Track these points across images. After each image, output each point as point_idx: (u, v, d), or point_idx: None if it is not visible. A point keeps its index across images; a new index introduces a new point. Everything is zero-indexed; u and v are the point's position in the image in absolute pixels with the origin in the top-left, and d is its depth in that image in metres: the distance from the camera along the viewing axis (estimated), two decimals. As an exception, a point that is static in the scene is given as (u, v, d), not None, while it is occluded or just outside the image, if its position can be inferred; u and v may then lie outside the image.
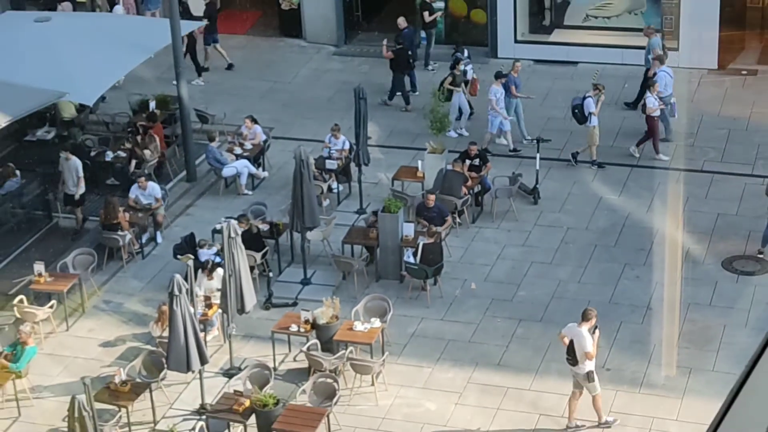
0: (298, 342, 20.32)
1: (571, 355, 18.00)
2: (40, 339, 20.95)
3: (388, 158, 26.48)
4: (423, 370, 19.95)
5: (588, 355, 17.78)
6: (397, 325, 20.84)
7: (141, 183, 24.09)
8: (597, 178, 25.52)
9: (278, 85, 30.55)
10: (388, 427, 18.69)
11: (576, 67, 30.60)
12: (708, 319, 20.72)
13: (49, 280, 21.76)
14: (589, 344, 17.75)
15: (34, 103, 23.94)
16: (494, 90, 26.43)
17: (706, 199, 24.49)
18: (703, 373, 19.35)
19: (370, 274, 22.49)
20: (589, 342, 17.77)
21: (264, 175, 26.27)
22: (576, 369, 18.01)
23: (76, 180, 24.27)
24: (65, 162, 24.38)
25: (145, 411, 19.05)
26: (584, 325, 17.84)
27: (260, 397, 18.17)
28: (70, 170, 24.28)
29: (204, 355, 18.32)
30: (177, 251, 22.49)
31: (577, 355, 17.86)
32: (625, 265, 22.39)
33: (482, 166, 24.62)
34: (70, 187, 24.34)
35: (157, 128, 26.80)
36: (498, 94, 26.35)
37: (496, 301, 21.62)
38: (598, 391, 18.10)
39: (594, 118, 25.57)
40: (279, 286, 22.18)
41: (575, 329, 17.95)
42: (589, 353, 17.78)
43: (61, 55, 24.76)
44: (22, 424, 19.21)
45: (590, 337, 17.82)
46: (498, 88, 26.39)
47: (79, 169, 24.29)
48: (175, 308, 17.78)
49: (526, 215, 24.26)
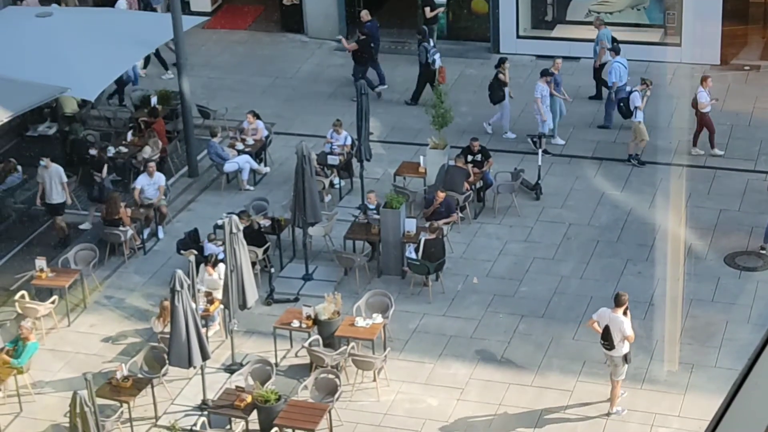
0: (299, 338, 20.32)
1: (607, 340, 18.26)
2: (42, 334, 20.95)
3: (390, 153, 26.46)
4: (425, 365, 19.94)
5: (629, 338, 18.13)
6: (398, 320, 20.83)
7: (150, 168, 24.08)
8: (599, 173, 25.49)
9: (280, 80, 30.52)
10: (390, 422, 18.69)
11: (578, 62, 30.55)
12: (710, 315, 20.70)
13: (51, 276, 21.76)
14: (628, 327, 18.13)
15: (36, 99, 23.93)
16: (540, 88, 26.01)
17: (708, 194, 24.46)
18: (705, 369, 19.34)
19: (372, 270, 22.48)
20: (628, 325, 18.16)
21: (266, 171, 26.25)
22: (613, 353, 18.26)
23: (60, 188, 23.63)
24: (44, 170, 23.65)
25: (147, 406, 19.05)
26: (619, 309, 18.17)
27: (262, 392, 18.17)
28: (52, 178, 23.55)
29: (205, 351, 18.32)
30: (180, 246, 22.51)
31: (615, 340, 18.11)
32: (628, 261, 22.38)
33: (484, 161, 24.60)
34: (52, 196, 23.58)
35: (159, 124, 26.79)
36: (544, 92, 25.96)
37: (497, 296, 21.61)
38: (622, 377, 18.39)
39: (640, 112, 25.31)
40: (280, 282, 22.18)
41: (610, 314, 18.23)
42: (630, 336, 18.16)
43: (62, 51, 24.76)
44: (23, 420, 19.22)
45: (626, 320, 18.15)
46: (544, 86, 25.98)
47: (62, 176, 23.70)
48: (177, 304, 17.78)
49: (528, 211, 24.25)
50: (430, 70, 28.71)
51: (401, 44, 32.37)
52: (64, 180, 23.80)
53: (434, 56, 28.68)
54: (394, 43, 32.47)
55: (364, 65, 29.41)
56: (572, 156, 26.23)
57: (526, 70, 30.50)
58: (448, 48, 31.35)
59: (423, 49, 28.86)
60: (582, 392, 19.06)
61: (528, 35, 31.42)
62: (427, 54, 28.81)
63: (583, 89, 29.22)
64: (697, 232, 23.12)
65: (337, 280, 22.26)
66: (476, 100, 28.46)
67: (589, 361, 19.70)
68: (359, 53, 29.42)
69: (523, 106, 28.49)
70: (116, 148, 26.13)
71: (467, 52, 31.49)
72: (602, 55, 28.12)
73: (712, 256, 22.38)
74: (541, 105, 25.91)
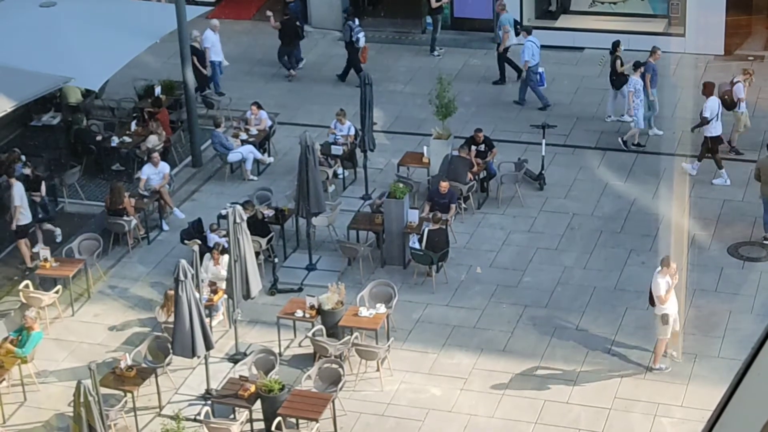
0: (303, 327, 20.34)
1: (651, 297, 19.05)
2: (46, 324, 20.98)
3: (394, 144, 26.46)
4: (428, 355, 19.96)
5: (659, 298, 18.71)
6: (402, 310, 20.85)
7: (155, 158, 24.10)
8: (603, 163, 25.49)
9: (284, 70, 30.50)
10: (393, 412, 18.71)
11: (582, 52, 30.55)
12: (713, 305, 20.71)
13: (55, 266, 21.78)
14: (660, 288, 18.66)
15: (40, 88, 23.93)
16: (633, 81, 25.50)
17: (712, 185, 24.45)
18: (708, 359, 19.35)
19: (376, 260, 22.49)
20: (661, 287, 18.64)
21: (269, 161, 26.27)
22: (654, 310, 18.99)
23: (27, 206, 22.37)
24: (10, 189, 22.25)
25: (151, 396, 19.08)
26: (663, 269, 18.74)
27: (265, 382, 18.19)
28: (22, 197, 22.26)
29: (209, 341, 18.35)
30: (184, 236, 22.53)
31: (654, 298, 18.84)
32: (631, 251, 22.38)
33: (488, 151, 24.59)
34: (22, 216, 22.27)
35: (163, 113, 26.80)
36: (638, 86, 25.42)
37: (501, 287, 21.62)
38: (665, 336, 18.95)
39: (743, 103, 25.10)
40: (284, 272, 22.20)
41: (655, 273, 18.90)
42: (660, 297, 18.70)
43: (66, 40, 24.76)
44: (27, 409, 19.26)
45: (663, 281, 18.65)
46: (637, 79, 25.46)
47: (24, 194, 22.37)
48: (181, 294, 17.80)
49: (531, 201, 24.25)
50: (354, 49, 29.25)
51: (404, 34, 32.35)
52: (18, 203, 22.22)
53: (358, 35, 29.21)
54: (397, 33, 32.45)
55: (289, 46, 30.10)
56: (575, 146, 26.22)
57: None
58: (452, 38, 31.36)
59: (348, 28, 29.51)
60: (585, 382, 19.07)
61: (532, 25, 31.37)
62: (351, 33, 29.34)
63: (587, 80, 29.22)
64: (700, 222, 23.12)
65: (340, 270, 22.28)
66: (480, 90, 28.44)
67: (593, 351, 19.72)
68: (284, 33, 30.02)
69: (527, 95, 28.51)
70: (120, 138, 26.15)
71: (471, 43, 31.46)
72: (506, 39, 28.59)
73: (716, 247, 22.38)
74: (634, 99, 25.33)
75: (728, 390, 3.73)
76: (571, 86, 28.93)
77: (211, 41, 28.85)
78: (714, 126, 24.21)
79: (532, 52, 27.41)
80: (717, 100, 24.46)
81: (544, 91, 27.74)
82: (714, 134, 24.28)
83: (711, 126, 24.19)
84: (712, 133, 24.25)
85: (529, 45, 27.46)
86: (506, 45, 28.62)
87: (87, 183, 25.54)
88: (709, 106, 24.24)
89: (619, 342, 19.90)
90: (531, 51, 27.41)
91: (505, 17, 28.97)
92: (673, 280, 18.78)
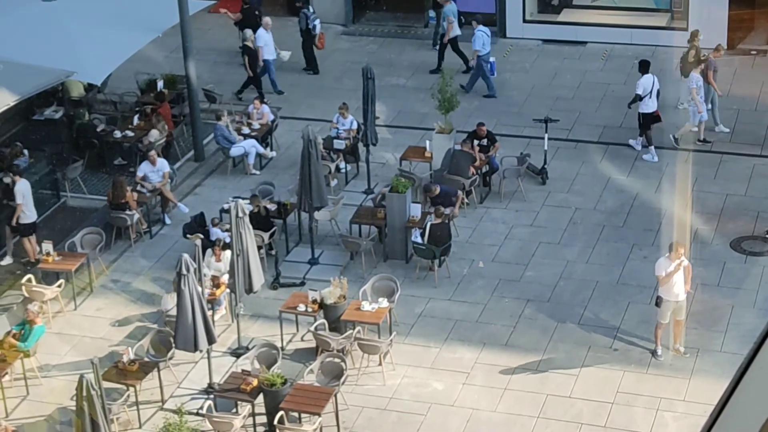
0: (305, 322, 20.34)
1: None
2: (48, 318, 21.00)
3: (396, 138, 26.45)
4: (430, 350, 19.96)
5: (658, 279, 19.00)
6: (404, 305, 20.85)
7: (152, 157, 24.09)
8: (605, 158, 25.47)
9: (286, 64, 30.50)
10: (396, 406, 18.71)
11: (584, 47, 30.53)
12: (716, 299, 20.70)
13: (58, 260, 21.79)
14: (659, 269, 18.93)
15: (42, 83, 23.92)
16: (694, 78, 25.29)
17: (714, 179, 24.44)
18: (710, 354, 19.34)
19: (378, 254, 22.49)
20: (661, 268, 18.87)
21: (272, 155, 26.27)
22: None
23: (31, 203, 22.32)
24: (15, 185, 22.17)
25: (153, 390, 19.09)
26: (669, 255, 18.93)
27: (268, 376, 18.20)
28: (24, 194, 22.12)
29: (212, 335, 18.35)
30: (186, 230, 22.52)
31: None
32: (633, 246, 22.37)
33: (490, 146, 24.58)
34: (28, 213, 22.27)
35: (165, 108, 26.80)
36: (699, 83, 25.22)
37: (503, 281, 21.62)
38: (661, 321, 19.14)
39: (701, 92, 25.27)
40: (287, 266, 22.19)
41: (662, 257, 19.26)
42: (658, 277, 18.96)
43: (68, 35, 24.75)
44: (30, 403, 19.27)
45: (665, 264, 18.82)
46: (697, 76, 25.27)
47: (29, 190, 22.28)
48: (183, 288, 17.80)
49: (534, 195, 24.24)
50: (310, 36, 29.54)
51: (407, 28, 32.33)
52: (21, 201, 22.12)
53: (314, 22, 29.57)
54: (399, 27, 32.43)
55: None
56: (578, 141, 26.21)
57: (532, 55, 30.49)
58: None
59: (303, 16, 29.85)
60: (587, 377, 19.07)
61: (534, 19, 31.38)
62: (307, 20, 29.70)
63: (590, 74, 29.20)
64: (703, 216, 23.10)
65: (343, 265, 22.28)
66: (482, 84, 28.41)
67: (595, 346, 19.72)
68: (244, 22, 30.17)
69: (529, 90, 28.50)
70: (122, 132, 26.15)
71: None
72: (450, 30, 28.97)
73: (718, 241, 22.37)
74: (697, 96, 25.12)
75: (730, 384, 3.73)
76: (573, 80, 28.92)
77: (264, 40, 28.62)
78: (647, 103, 25.10)
79: (482, 41, 27.96)
80: (651, 78, 25.16)
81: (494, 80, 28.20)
82: (646, 111, 25.16)
83: (644, 103, 25.11)
84: (644, 110, 25.18)
85: (480, 34, 28.01)
86: (450, 36, 29.07)
87: (89, 177, 25.55)
88: (642, 83, 25.11)
89: (622, 336, 19.90)
90: (482, 40, 27.97)
91: (449, 8, 29.42)
92: (677, 267, 18.75)
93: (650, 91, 25.02)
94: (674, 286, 18.88)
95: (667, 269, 18.82)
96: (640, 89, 25.07)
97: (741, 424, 3.67)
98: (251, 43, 28.53)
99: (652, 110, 25.14)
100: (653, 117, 25.22)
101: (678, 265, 18.77)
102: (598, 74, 28.96)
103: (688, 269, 19.14)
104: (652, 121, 25.20)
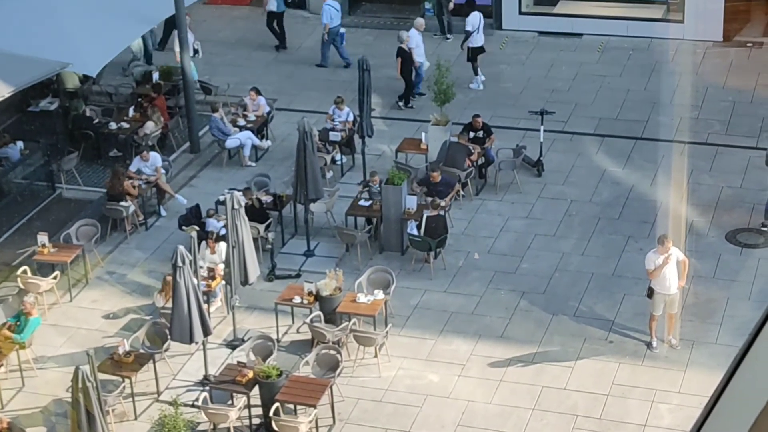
0: (301, 314, 20.35)
1: None
2: (44, 310, 20.98)
3: (392, 130, 26.44)
4: (426, 342, 19.97)
5: (647, 272, 19.05)
6: (400, 297, 20.85)
7: (144, 156, 24.07)
8: (601, 150, 25.48)
9: (282, 56, 30.48)
10: (391, 398, 18.73)
11: (580, 39, 30.51)
12: (711, 291, 20.72)
13: (53, 251, 21.77)
14: (648, 263, 19.03)
15: (38, 74, 23.89)
16: None
17: (710, 171, 24.45)
18: (705, 346, 19.36)
19: (374, 246, 22.49)
20: (650, 261, 18.97)
21: (267, 146, 26.24)
22: None
23: None
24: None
25: (149, 382, 19.09)
26: (656, 249, 19.02)
27: (263, 368, 18.20)
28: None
29: (207, 327, 18.34)
30: (182, 222, 22.51)
31: None
32: (629, 238, 22.38)
33: (486, 138, 24.57)
34: None
35: (161, 99, 26.77)
36: None
37: (499, 273, 21.62)
38: (653, 312, 19.24)
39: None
40: (282, 258, 22.19)
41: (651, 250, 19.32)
42: (647, 270, 19.04)
43: (64, 26, 24.71)
44: (25, 395, 19.27)
45: (652, 257, 18.93)
46: None
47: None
48: (179, 279, 17.79)
49: (529, 187, 24.24)
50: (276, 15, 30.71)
51: (402, 20, 32.26)
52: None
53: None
54: (395, 19, 32.39)
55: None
56: (574, 133, 26.22)
57: (528, 47, 30.48)
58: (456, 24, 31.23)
59: None
60: (583, 369, 19.09)
61: (530, 11, 31.36)
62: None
63: (586, 66, 29.19)
64: (698, 209, 23.11)
65: (338, 257, 22.28)
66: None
67: (590, 338, 19.74)
68: None
69: (525, 82, 28.50)
70: (118, 124, 26.12)
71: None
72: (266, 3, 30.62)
73: (714, 233, 22.38)
74: None
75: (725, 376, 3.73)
76: (569, 72, 28.91)
77: (416, 42, 27.71)
78: (474, 38, 28.09)
79: (330, 15, 29.30)
80: (478, 15, 28.11)
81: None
82: (474, 45, 28.14)
83: (472, 37, 28.06)
84: (472, 44, 28.14)
85: (327, 8, 29.49)
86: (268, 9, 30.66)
87: (84, 169, 25.53)
88: (470, 21, 28.10)
89: (617, 328, 19.91)
90: (329, 14, 29.36)
91: None
92: (666, 260, 18.78)
93: (477, 27, 27.83)
94: (665, 279, 18.90)
95: (656, 262, 18.85)
96: (469, 26, 27.89)
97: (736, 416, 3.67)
98: (405, 46, 27.23)
99: (479, 44, 28.01)
100: (480, 49, 28.06)
101: (667, 258, 18.79)
102: (593, 66, 28.96)
103: (684, 264, 19.13)
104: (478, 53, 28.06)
